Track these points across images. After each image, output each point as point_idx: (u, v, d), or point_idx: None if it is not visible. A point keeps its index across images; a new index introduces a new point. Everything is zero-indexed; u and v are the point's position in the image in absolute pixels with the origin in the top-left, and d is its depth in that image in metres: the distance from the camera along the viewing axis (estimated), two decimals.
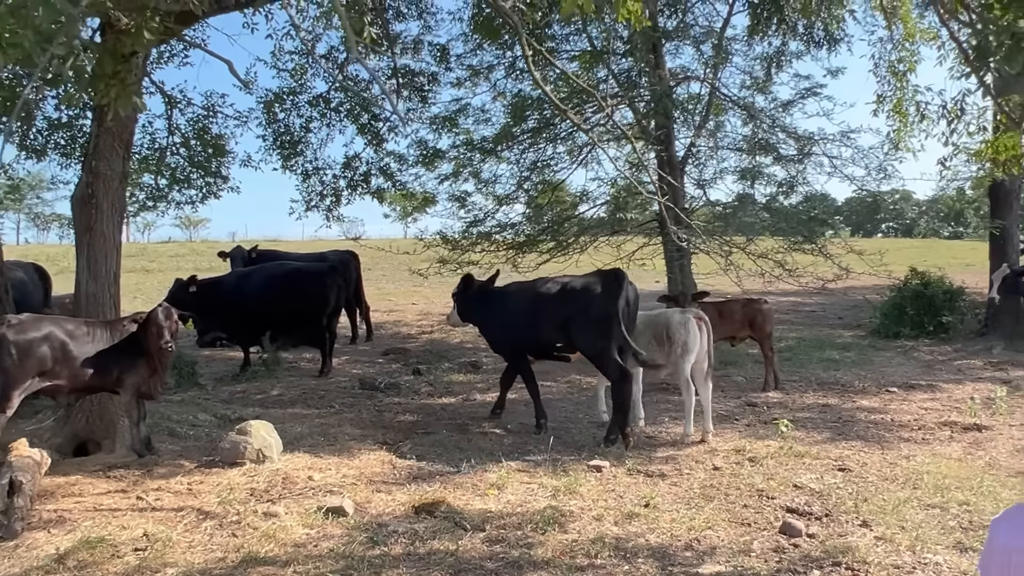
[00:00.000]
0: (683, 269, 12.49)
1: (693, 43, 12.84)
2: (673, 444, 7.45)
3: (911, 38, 7.54)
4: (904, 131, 7.88)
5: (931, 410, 8.78)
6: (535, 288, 8.17)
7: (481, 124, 13.23)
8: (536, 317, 7.89)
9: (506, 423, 8.25)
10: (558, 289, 7.91)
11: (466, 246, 13.02)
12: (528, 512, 5.60)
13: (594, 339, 7.54)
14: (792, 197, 12.99)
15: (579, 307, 7.61)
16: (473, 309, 8.56)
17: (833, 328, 15.84)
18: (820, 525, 5.37)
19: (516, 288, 8.60)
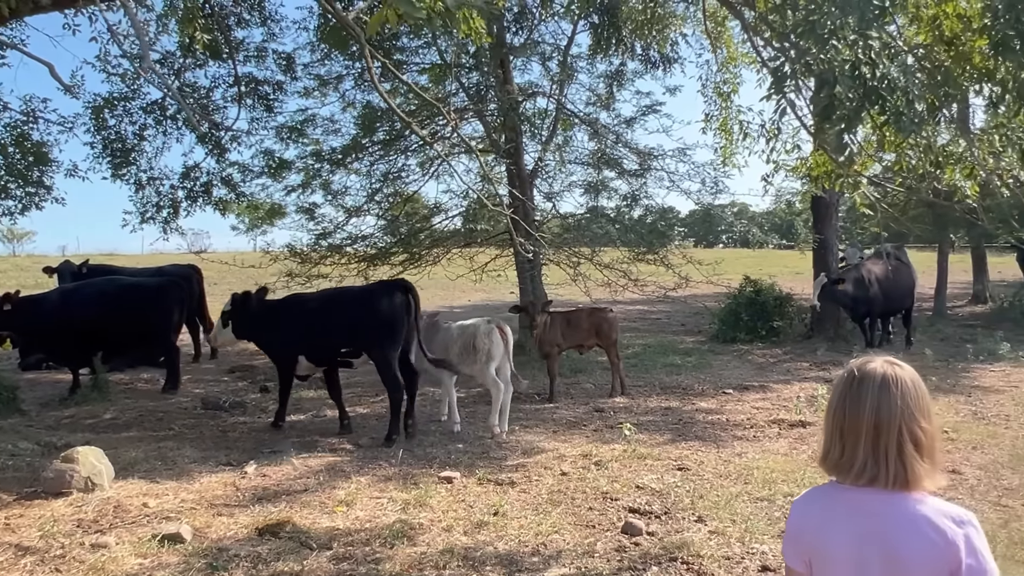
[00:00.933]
0: (534, 280, 12.75)
1: (540, 60, 13.20)
2: (524, 452, 7.56)
3: (733, 61, 8.10)
4: (730, 148, 8.43)
5: (762, 409, 9.36)
6: (322, 298, 8.78)
7: (331, 135, 13.01)
8: (325, 326, 8.22)
9: (357, 438, 8.11)
10: (347, 298, 8.57)
11: (316, 259, 12.73)
12: (377, 527, 5.53)
13: (381, 345, 8.05)
14: (636, 210, 13.54)
15: (368, 314, 8.08)
16: (252, 324, 8.50)
17: (676, 334, 16.60)
18: (659, 523, 5.61)
19: (297, 299, 8.97)
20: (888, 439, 1.87)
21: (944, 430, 8.10)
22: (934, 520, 1.83)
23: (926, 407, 1.92)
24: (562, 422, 8.82)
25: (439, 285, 20.69)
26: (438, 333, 8.74)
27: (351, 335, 8.20)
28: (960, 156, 5.33)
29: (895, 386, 1.91)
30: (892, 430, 1.87)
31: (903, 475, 1.87)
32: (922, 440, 1.87)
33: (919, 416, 1.88)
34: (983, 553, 1.82)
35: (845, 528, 1.92)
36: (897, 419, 1.87)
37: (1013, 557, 4.97)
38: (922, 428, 1.87)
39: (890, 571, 1.85)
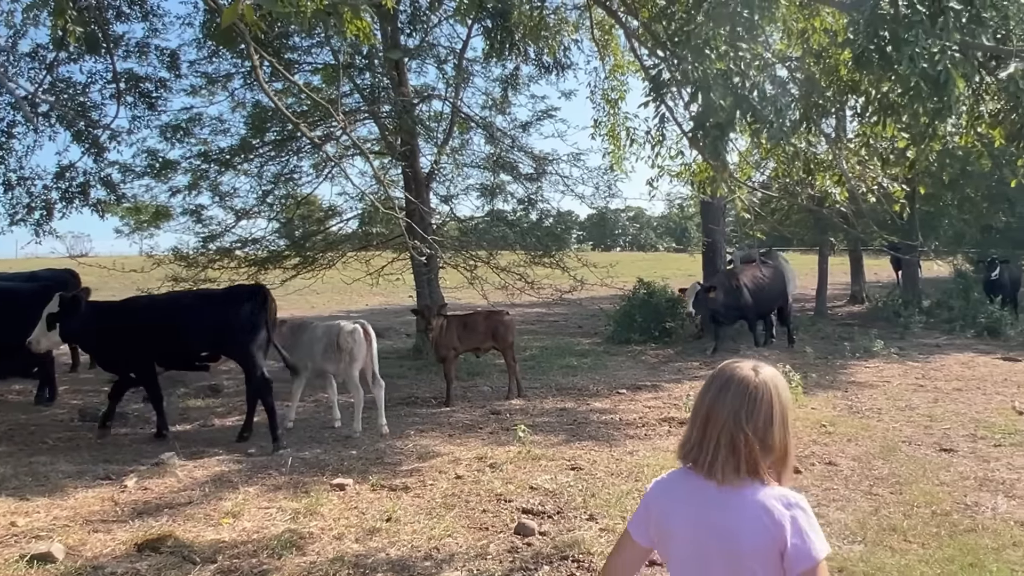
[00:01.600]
0: (431, 283, 12.70)
1: (436, 62, 13.17)
2: (419, 457, 7.50)
3: (620, 69, 8.31)
4: (618, 154, 8.64)
5: (654, 408, 9.60)
6: (176, 300, 8.86)
7: (219, 135, 12.58)
8: (180, 328, 8.12)
9: (247, 447, 7.86)
10: (205, 301, 8.58)
11: (204, 263, 12.28)
12: (265, 538, 5.38)
13: (245, 347, 8.05)
14: (532, 213, 13.67)
15: (229, 317, 8.07)
16: (84, 327, 8.23)
17: (573, 336, 16.85)
18: (552, 523, 5.67)
19: (141, 301, 8.86)
20: (723, 433, 1.96)
21: (822, 424, 8.52)
22: (766, 504, 1.94)
23: (774, 409, 2.03)
24: (458, 425, 8.81)
25: (335, 289, 20.36)
26: (304, 333, 8.77)
27: (213, 340, 8.15)
28: (829, 164, 5.65)
29: (740, 387, 2.03)
30: (727, 425, 1.97)
31: (737, 467, 1.97)
32: (767, 439, 1.97)
33: (759, 416, 1.98)
34: (808, 533, 1.93)
35: (687, 511, 2.03)
36: (730, 416, 1.97)
37: (882, 543, 5.25)
38: (758, 427, 1.97)
39: (726, 553, 1.95)
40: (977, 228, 21.06)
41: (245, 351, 8.06)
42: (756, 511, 1.94)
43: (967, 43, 3.71)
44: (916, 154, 5.02)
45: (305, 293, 17.39)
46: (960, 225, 21.60)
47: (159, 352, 8.28)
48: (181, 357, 8.45)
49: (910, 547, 5.15)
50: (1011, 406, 9.26)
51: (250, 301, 8.18)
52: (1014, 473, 6.70)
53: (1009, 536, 5.27)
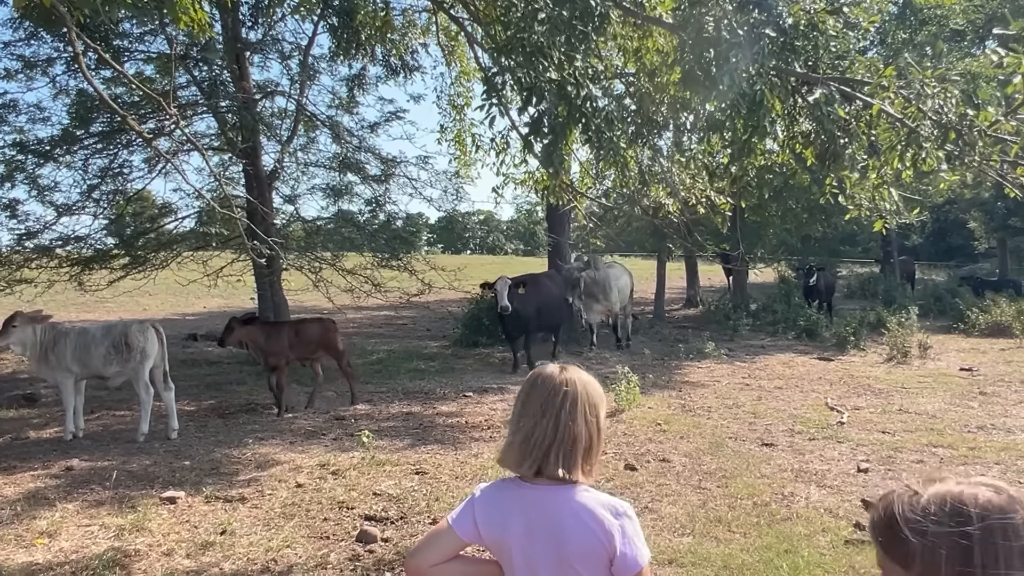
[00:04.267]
0: (273, 286, 12.29)
1: (280, 58, 12.77)
2: (258, 466, 7.24)
3: (466, 75, 8.40)
4: (464, 159, 8.72)
5: (499, 410, 9.73)
6: None
7: (38, 123, 11.63)
8: None
9: (67, 463, 7.31)
10: None
11: (19, 262, 11.30)
12: (85, 558, 5.03)
13: None
14: (380, 215, 13.51)
15: None
16: None
17: (421, 340, 16.81)
18: (395, 528, 5.63)
19: None
20: (535, 432, 2.03)
21: (657, 422, 8.93)
22: (593, 511, 2.01)
23: (578, 404, 2.07)
24: (300, 432, 8.58)
25: (169, 291, 19.33)
26: (68, 337, 8.22)
27: None
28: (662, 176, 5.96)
29: (546, 385, 2.08)
30: (538, 424, 2.03)
31: (555, 465, 2.02)
32: (576, 434, 2.04)
33: (565, 412, 2.05)
34: (635, 541, 2.02)
35: (515, 518, 2.05)
36: (540, 415, 2.04)
37: (709, 534, 5.56)
38: (566, 423, 2.04)
39: (556, 560, 2.00)
40: (798, 238, 22.77)
41: None
42: (581, 514, 2.00)
43: (781, 68, 4.03)
44: (737, 169, 5.39)
45: (136, 295, 16.42)
46: (783, 234, 23.29)
47: None
48: None
49: (733, 537, 5.48)
50: (824, 402, 10.07)
51: None
52: (825, 464, 7.28)
53: (819, 523, 5.72)
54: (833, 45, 4.17)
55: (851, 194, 4.94)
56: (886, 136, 4.23)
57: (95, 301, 16.39)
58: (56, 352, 8.03)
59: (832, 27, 4.15)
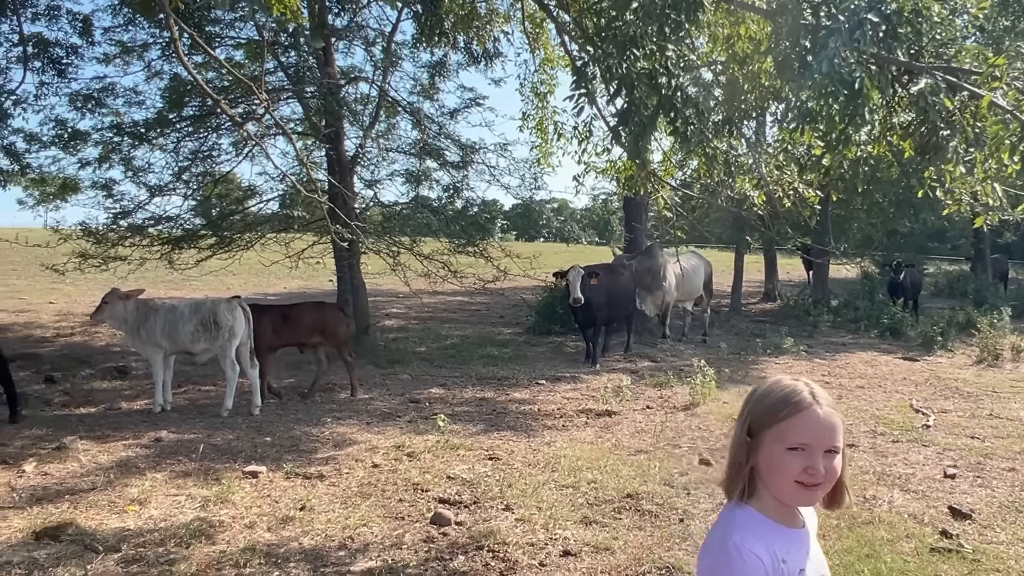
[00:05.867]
0: (352, 268, 12.52)
1: (364, 44, 12.94)
2: (336, 445, 7.41)
3: (550, 63, 8.35)
4: (545, 147, 8.68)
5: (572, 399, 9.71)
6: None
7: (134, 107, 12.08)
8: None
9: (156, 434, 7.61)
10: None
11: (114, 240, 11.80)
12: (172, 526, 5.23)
13: None
14: (457, 201, 13.61)
15: None
16: None
17: (495, 326, 16.89)
18: (468, 513, 5.68)
19: None
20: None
21: (733, 418, 8.72)
22: (710, 533, 1.86)
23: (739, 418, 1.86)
24: (376, 413, 8.73)
25: (252, 271, 19.90)
26: (158, 314, 8.47)
27: None
28: (749, 167, 5.81)
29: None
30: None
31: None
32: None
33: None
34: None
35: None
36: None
37: None
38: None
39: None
40: (884, 233, 22.02)
41: None
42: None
43: (882, 56, 3.87)
44: (831, 161, 5.21)
45: (221, 275, 16.92)
46: (868, 229, 22.57)
47: None
48: None
49: None
50: (908, 404, 9.72)
51: None
52: (910, 468, 7.04)
53: (903, 529, 5.54)
54: (938, 32, 3.99)
55: (950, 188, 4.73)
56: (994, 129, 4.02)
57: (183, 279, 17.03)
58: (147, 327, 8.36)
59: (937, 13, 3.96)
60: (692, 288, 15.12)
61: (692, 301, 15.73)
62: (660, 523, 5.56)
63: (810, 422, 1.71)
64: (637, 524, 5.54)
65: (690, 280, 14.89)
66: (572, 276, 11.76)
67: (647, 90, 3.76)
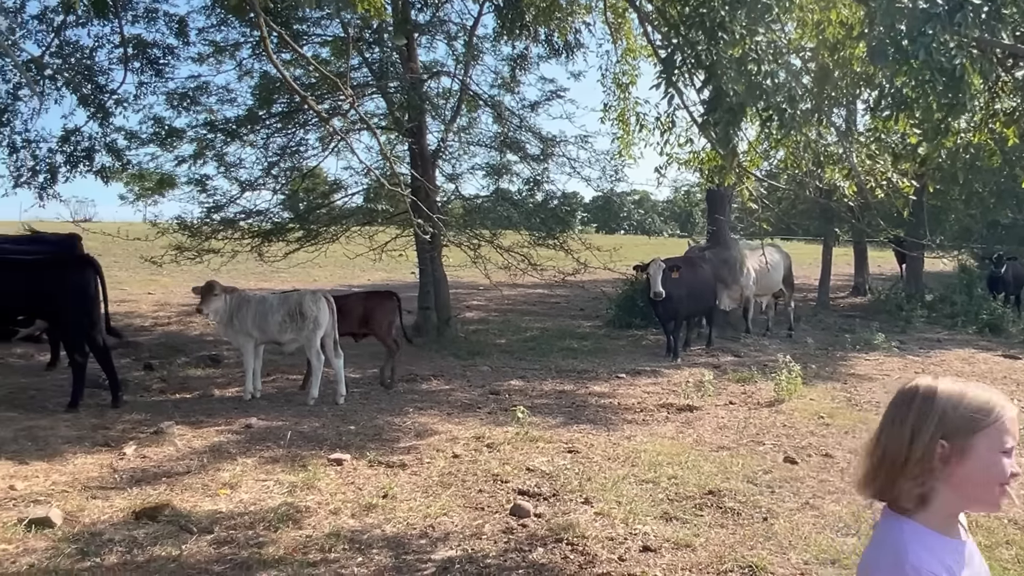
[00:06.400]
0: (434, 261, 12.69)
1: (446, 39, 13.06)
2: (417, 434, 7.53)
3: (632, 53, 8.25)
4: (627, 139, 8.59)
5: (652, 393, 9.61)
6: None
7: (226, 104, 12.50)
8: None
9: (246, 421, 7.88)
10: (24, 264, 8.54)
11: (207, 233, 12.27)
12: (262, 510, 5.41)
13: (69, 315, 8.25)
14: (537, 194, 13.62)
15: (54, 284, 8.22)
16: None
17: (574, 319, 16.84)
18: (547, 505, 5.70)
19: None
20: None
21: (820, 415, 8.54)
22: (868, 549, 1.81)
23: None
24: (457, 404, 8.83)
25: (337, 263, 20.37)
26: (249, 304, 8.76)
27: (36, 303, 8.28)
28: (840, 157, 5.61)
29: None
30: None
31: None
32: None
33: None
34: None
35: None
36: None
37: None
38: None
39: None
40: (983, 224, 20.98)
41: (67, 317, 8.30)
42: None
43: (985, 40, 3.67)
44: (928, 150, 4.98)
45: (307, 267, 17.42)
46: (967, 220, 21.54)
47: None
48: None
49: None
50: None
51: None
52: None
53: (1002, 534, 5.29)
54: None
55: None
56: None
57: (271, 271, 17.56)
58: (239, 317, 8.67)
59: None
60: (771, 282, 14.70)
61: (771, 296, 15.32)
62: (743, 521, 5.46)
63: (1015, 422, 1.67)
64: (719, 521, 5.45)
65: (768, 274, 14.48)
66: (653, 270, 11.56)
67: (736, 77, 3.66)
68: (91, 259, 8.80)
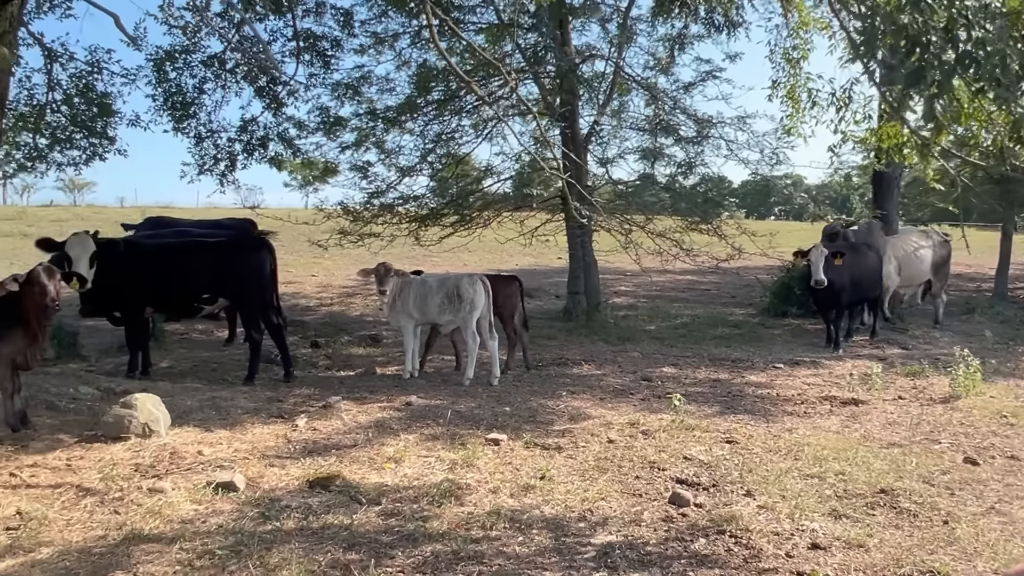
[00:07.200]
0: (584, 246, 12.67)
1: (599, 21, 12.94)
2: (571, 418, 7.55)
3: (805, 26, 7.82)
4: (796, 117, 8.19)
5: (813, 385, 9.21)
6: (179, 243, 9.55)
7: (385, 93, 12.99)
8: (184, 272, 8.79)
9: (406, 398, 8.17)
10: (209, 246, 9.22)
11: (368, 218, 12.80)
12: (425, 485, 5.58)
13: (248, 294, 8.90)
14: (690, 178, 13.31)
15: (234, 265, 8.88)
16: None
17: (726, 306, 16.39)
18: (707, 495, 5.56)
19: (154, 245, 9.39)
20: None
21: (1003, 414, 7.90)
22: None
23: None
24: (609, 389, 8.79)
25: (488, 248, 20.73)
26: (411, 287, 9.04)
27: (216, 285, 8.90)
28: None
29: None
30: None
31: None
32: None
33: None
34: None
35: None
36: None
37: None
38: None
39: None
40: None
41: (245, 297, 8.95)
42: None
43: None
44: None
45: (458, 251, 17.82)
46: None
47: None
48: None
49: None
50: None
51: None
52: None
53: None
54: None
55: None
56: None
57: (424, 255, 18.08)
58: (401, 299, 9.00)
59: None
60: (916, 272, 13.50)
61: (918, 287, 14.13)
62: (920, 523, 5.12)
63: None
64: (893, 522, 5.14)
65: (913, 263, 13.33)
66: (814, 256, 10.99)
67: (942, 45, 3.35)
68: (267, 242, 9.36)
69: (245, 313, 9.15)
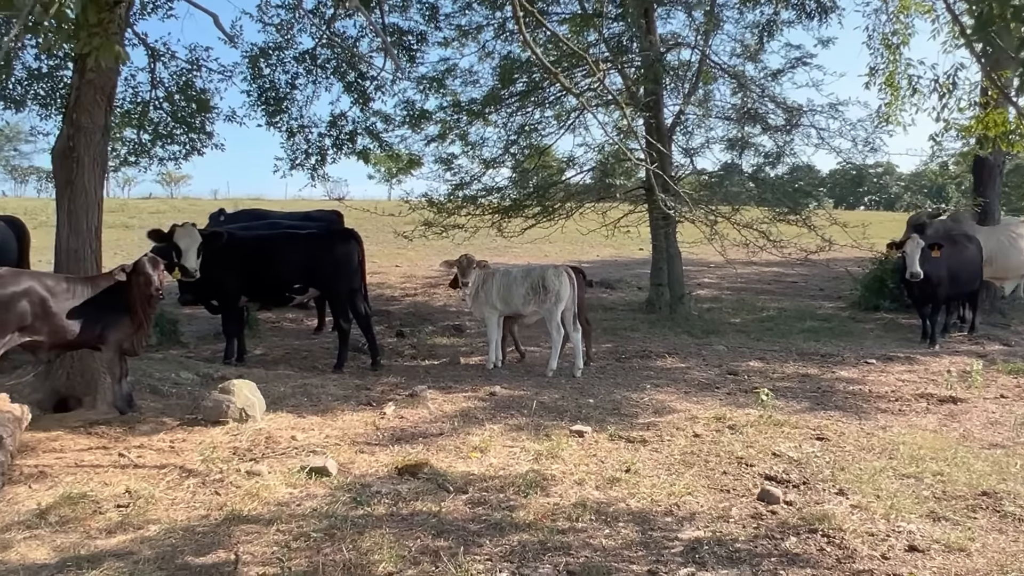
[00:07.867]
0: (668, 237, 12.51)
1: (685, 9, 12.73)
2: (656, 411, 7.49)
3: (906, 10, 7.51)
4: (895, 104, 7.87)
5: (908, 382, 8.89)
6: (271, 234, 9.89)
7: (469, 86, 13.10)
8: (277, 263, 9.13)
9: (490, 389, 8.25)
10: (300, 238, 9.60)
11: (451, 209, 12.95)
12: (510, 475, 5.64)
13: (337, 285, 9.20)
14: (778, 168, 12.98)
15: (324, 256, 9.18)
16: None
17: (814, 299, 15.95)
18: (798, 493, 5.45)
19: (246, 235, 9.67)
20: None
21: None
22: None
23: None
24: (694, 383, 8.69)
25: (569, 239, 20.71)
26: (494, 278, 9.09)
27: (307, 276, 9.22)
28: None
29: None
30: None
31: None
32: None
33: None
34: None
35: None
36: None
37: None
38: None
39: None
40: None
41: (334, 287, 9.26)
42: None
43: None
44: None
45: (539, 242, 17.83)
46: None
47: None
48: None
49: None
50: None
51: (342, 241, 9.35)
52: None
53: None
54: None
55: None
56: None
57: (505, 246, 18.19)
58: (485, 290, 9.08)
59: None
60: (1011, 264, 12.73)
61: (1016, 279, 13.32)
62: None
63: None
64: (996, 526, 4.94)
65: (1010, 254, 12.57)
66: (910, 248, 10.53)
67: None
68: (355, 234, 9.58)
69: (334, 303, 9.40)
